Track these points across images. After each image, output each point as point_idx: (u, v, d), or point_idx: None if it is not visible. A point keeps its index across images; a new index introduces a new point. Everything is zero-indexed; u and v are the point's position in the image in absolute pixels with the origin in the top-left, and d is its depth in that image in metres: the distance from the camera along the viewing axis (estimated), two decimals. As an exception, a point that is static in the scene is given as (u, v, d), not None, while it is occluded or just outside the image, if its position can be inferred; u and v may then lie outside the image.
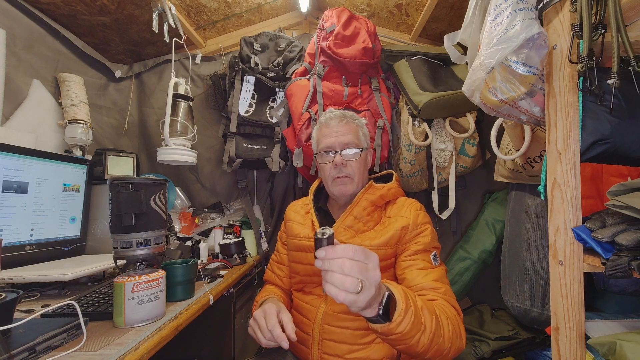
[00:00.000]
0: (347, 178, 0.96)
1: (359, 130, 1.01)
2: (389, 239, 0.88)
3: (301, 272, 0.98)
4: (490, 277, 1.57)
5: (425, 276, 0.82)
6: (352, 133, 0.99)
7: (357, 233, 0.93)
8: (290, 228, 1.05)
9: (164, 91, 1.69)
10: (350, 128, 0.99)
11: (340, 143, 0.97)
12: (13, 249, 1.01)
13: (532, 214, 1.19)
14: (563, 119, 0.70)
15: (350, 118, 1.02)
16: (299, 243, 0.99)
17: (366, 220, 0.95)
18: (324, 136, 1.00)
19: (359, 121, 1.04)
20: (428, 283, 0.81)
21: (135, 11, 1.41)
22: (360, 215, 0.95)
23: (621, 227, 0.62)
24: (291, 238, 1.03)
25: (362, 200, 0.96)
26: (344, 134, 0.98)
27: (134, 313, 0.71)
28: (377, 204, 0.96)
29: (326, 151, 0.98)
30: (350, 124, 1.00)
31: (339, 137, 0.97)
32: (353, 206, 0.95)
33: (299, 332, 0.95)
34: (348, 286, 0.49)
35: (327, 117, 1.02)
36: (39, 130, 1.25)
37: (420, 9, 1.53)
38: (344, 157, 0.96)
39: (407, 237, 0.89)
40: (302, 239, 0.98)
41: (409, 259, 0.87)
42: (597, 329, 0.72)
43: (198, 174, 1.72)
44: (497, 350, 1.25)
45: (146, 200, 0.81)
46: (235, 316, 1.20)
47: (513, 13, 0.70)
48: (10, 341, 0.58)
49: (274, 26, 1.74)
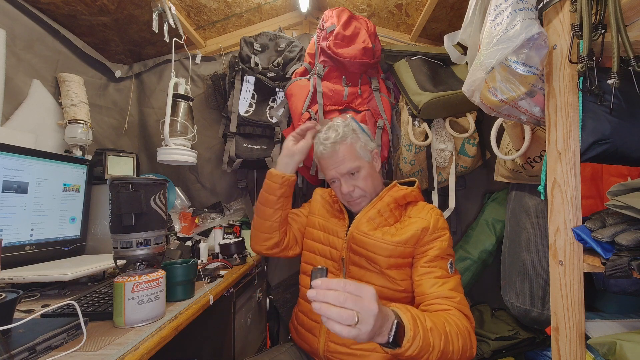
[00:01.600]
0: (358, 199, 0.99)
1: (355, 147, 0.98)
2: (410, 238, 0.90)
3: (318, 250, 1.04)
4: (490, 277, 1.57)
5: (441, 285, 0.85)
6: (349, 156, 0.97)
7: (379, 226, 0.96)
8: (316, 208, 1.11)
9: (164, 91, 1.68)
10: (344, 152, 0.97)
11: (340, 173, 0.97)
12: (13, 249, 1.01)
13: (532, 214, 1.19)
14: (563, 119, 0.70)
15: (342, 139, 0.97)
16: (324, 224, 1.06)
17: (388, 215, 0.97)
18: (324, 168, 1.02)
19: (351, 137, 0.98)
20: (444, 292, 0.83)
21: (135, 11, 1.41)
22: (383, 210, 0.98)
23: (621, 227, 0.62)
24: (317, 217, 1.09)
25: (386, 196, 0.99)
26: (341, 163, 0.96)
27: (134, 313, 0.71)
28: (399, 202, 0.99)
29: (332, 181, 1.02)
30: (343, 146, 0.97)
31: (337, 169, 0.97)
32: (377, 200, 0.99)
33: (306, 320, 0.97)
34: (345, 318, 0.50)
35: (321, 150, 0.99)
36: (39, 130, 1.24)
37: (420, 9, 1.53)
38: (349, 184, 0.97)
39: (426, 238, 0.91)
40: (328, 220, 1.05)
41: (427, 266, 0.88)
42: (597, 329, 0.72)
43: (198, 174, 1.72)
44: (497, 350, 1.25)
45: (146, 200, 0.81)
46: (235, 316, 1.20)
47: (513, 13, 0.70)
48: (10, 341, 0.58)
49: (274, 26, 1.74)
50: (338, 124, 1.01)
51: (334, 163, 0.98)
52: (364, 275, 0.93)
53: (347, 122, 1.03)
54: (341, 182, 0.98)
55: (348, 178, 0.97)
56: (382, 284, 0.91)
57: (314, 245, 1.05)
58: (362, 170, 0.98)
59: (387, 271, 0.91)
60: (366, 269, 0.93)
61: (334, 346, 0.90)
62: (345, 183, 0.97)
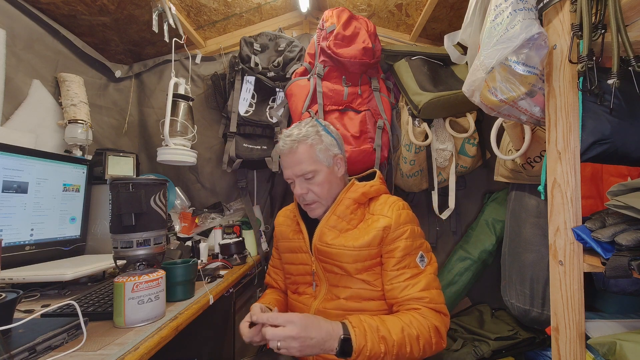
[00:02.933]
0: (313, 204, 0.97)
1: (314, 150, 0.95)
2: (372, 240, 0.89)
3: (294, 272, 1.02)
4: (490, 277, 1.57)
5: (412, 287, 0.85)
6: (306, 159, 0.94)
7: (341, 232, 0.94)
8: (280, 232, 1.08)
9: (164, 91, 1.68)
10: (302, 153, 0.94)
11: (296, 174, 0.95)
12: (13, 249, 1.01)
13: (532, 214, 1.19)
14: (563, 119, 0.70)
15: (302, 139, 0.94)
16: (289, 245, 1.03)
17: (349, 218, 0.95)
18: (283, 167, 1.00)
19: (313, 138, 0.95)
20: (414, 294, 0.84)
21: (135, 11, 1.41)
22: (344, 214, 0.95)
23: (621, 227, 0.62)
24: (282, 241, 1.06)
25: (345, 199, 0.96)
26: (297, 164, 0.94)
27: (134, 313, 0.71)
28: (359, 201, 0.97)
29: (288, 181, 1.00)
30: (302, 146, 0.94)
31: (293, 169, 0.95)
32: (336, 205, 0.96)
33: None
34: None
35: (280, 146, 0.98)
36: (39, 130, 1.24)
37: (420, 9, 1.53)
38: (303, 186, 0.95)
39: (389, 237, 0.89)
40: (292, 240, 1.02)
41: (396, 269, 0.88)
42: (597, 329, 0.72)
43: (198, 174, 1.72)
44: (497, 350, 1.25)
45: (146, 200, 0.81)
46: (235, 316, 1.20)
47: (513, 13, 0.70)
48: (10, 341, 0.58)
49: (274, 26, 1.74)
50: (303, 123, 0.99)
51: (291, 162, 0.95)
52: (339, 280, 0.92)
53: (312, 122, 1.00)
54: (295, 183, 0.96)
55: (302, 180, 0.95)
56: (359, 286, 0.90)
57: (289, 268, 1.03)
58: (319, 175, 0.95)
59: (357, 276, 0.90)
60: (341, 275, 0.92)
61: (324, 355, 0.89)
62: (299, 185, 0.95)
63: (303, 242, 0.99)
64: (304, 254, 0.99)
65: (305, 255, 0.99)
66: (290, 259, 1.03)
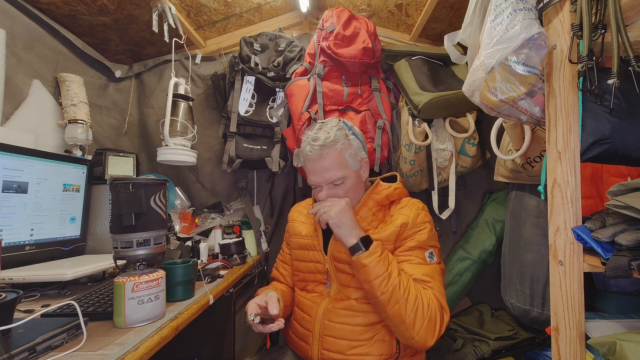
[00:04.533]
0: None
1: (344, 155, 0.93)
2: (389, 235, 0.90)
3: (303, 269, 1.00)
4: (490, 277, 1.57)
5: (415, 269, 0.86)
6: (335, 164, 0.92)
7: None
8: (292, 227, 1.07)
9: (164, 91, 1.68)
10: (331, 159, 0.91)
11: (324, 180, 0.93)
12: (13, 249, 1.01)
13: (532, 214, 1.19)
14: (563, 119, 0.70)
15: (331, 144, 0.91)
16: (300, 241, 1.02)
17: (371, 220, 0.96)
18: (309, 172, 0.96)
19: (342, 142, 0.92)
20: (418, 276, 0.85)
21: (135, 11, 1.41)
22: (366, 215, 0.96)
23: (621, 227, 0.62)
24: (293, 237, 1.05)
25: (369, 201, 0.97)
26: (327, 170, 0.92)
27: (134, 313, 0.71)
28: (382, 203, 0.97)
29: (313, 186, 0.98)
30: (332, 152, 0.91)
31: (322, 175, 0.92)
32: (360, 206, 0.96)
33: (300, 328, 0.96)
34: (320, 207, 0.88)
35: (308, 150, 0.93)
36: (39, 130, 1.24)
37: (420, 9, 1.53)
38: (331, 192, 0.94)
39: (405, 234, 0.91)
40: (304, 237, 1.01)
41: (403, 255, 0.89)
42: (597, 329, 0.72)
43: (198, 174, 1.72)
44: (497, 350, 1.24)
45: (146, 200, 0.81)
46: (235, 316, 1.20)
47: (513, 13, 0.70)
48: (10, 341, 0.58)
49: (274, 26, 1.74)
50: (330, 126, 0.95)
51: (319, 169, 0.92)
52: (351, 281, 0.91)
53: (339, 124, 0.96)
54: (323, 189, 0.94)
55: (331, 186, 0.94)
56: None
57: (299, 265, 1.02)
58: (348, 180, 0.93)
59: None
60: (353, 275, 0.91)
61: (328, 354, 0.88)
62: (326, 190, 0.94)
63: (317, 241, 0.98)
64: (317, 252, 0.97)
65: (318, 253, 0.97)
66: (301, 255, 1.01)
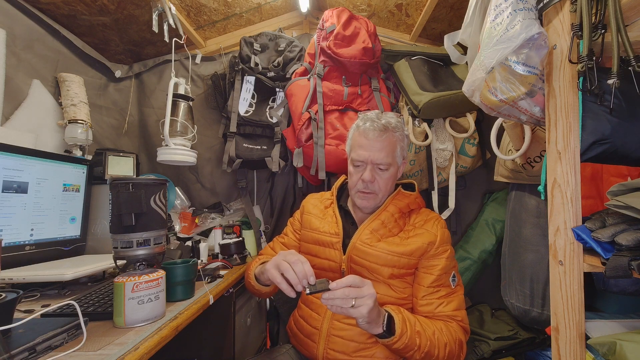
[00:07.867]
0: (371, 194, 0.95)
1: (397, 145, 0.94)
2: (415, 250, 0.90)
3: (317, 265, 0.98)
4: (490, 277, 1.57)
5: (446, 305, 0.88)
6: (389, 150, 0.92)
7: (382, 238, 0.93)
8: (307, 221, 1.05)
9: (164, 91, 1.68)
10: (388, 144, 0.92)
11: (373, 160, 0.92)
12: (13, 249, 1.01)
13: (532, 214, 1.19)
14: (563, 119, 0.70)
15: (393, 130, 0.93)
16: (318, 237, 1.00)
17: (392, 226, 0.95)
18: (359, 146, 0.94)
19: (400, 133, 0.95)
20: (448, 312, 0.88)
21: (135, 11, 1.41)
22: (388, 220, 0.95)
23: (621, 227, 0.62)
24: (309, 231, 1.03)
25: (391, 206, 0.97)
26: (380, 151, 0.91)
27: (134, 313, 0.71)
28: (403, 210, 0.98)
29: (357, 163, 0.95)
30: (390, 136, 0.92)
31: (374, 153, 0.92)
32: (381, 211, 0.96)
33: (306, 325, 0.96)
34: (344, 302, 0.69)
35: (367, 126, 0.92)
36: (39, 130, 1.24)
37: (420, 9, 1.53)
38: (373, 174, 0.93)
39: (432, 252, 0.91)
40: (322, 233, 0.99)
41: (433, 287, 0.90)
42: (597, 329, 0.72)
43: (198, 174, 1.72)
44: (497, 350, 1.25)
45: (146, 200, 0.81)
46: (235, 316, 1.20)
47: (513, 13, 0.70)
48: (10, 341, 0.58)
49: (274, 26, 1.74)
50: (392, 115, 0.97)
51: (373, 146, 0.91)
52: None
53: (400, 118, 0.98)
54: (367, 168, 0.93)
55: (375, 168, 0.93)
56: (384, 292, 0.90)
57: (311, 260, 0.97)
58: (391, 169, 0.94)
59: (389, 280, 0.91)
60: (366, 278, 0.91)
61: (334, 354, 0.88)
62: (370, 171, 0.92)
63: (338, 240, 0.96)
64: (336, 251, 0.95)
65: (336, 253, 0.95)
66: (315, 251, 0.99)
